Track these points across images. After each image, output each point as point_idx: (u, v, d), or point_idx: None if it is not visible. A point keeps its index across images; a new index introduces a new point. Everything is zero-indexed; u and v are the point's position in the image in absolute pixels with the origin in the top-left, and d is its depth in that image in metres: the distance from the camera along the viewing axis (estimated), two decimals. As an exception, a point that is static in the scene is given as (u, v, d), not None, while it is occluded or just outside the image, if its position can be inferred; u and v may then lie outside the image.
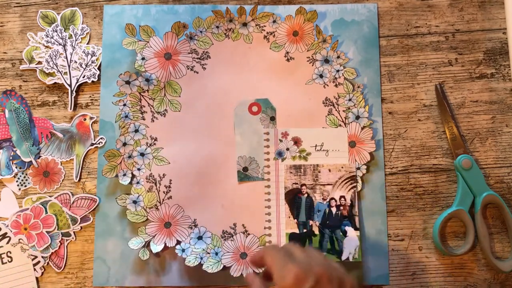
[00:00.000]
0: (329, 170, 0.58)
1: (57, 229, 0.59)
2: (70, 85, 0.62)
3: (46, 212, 0.60)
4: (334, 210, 0.59)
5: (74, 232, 0.60)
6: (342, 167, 0.60)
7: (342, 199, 0.60)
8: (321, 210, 0.59)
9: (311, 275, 0.41)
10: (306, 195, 0.60)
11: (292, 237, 0.59)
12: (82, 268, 0.60)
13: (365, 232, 0.60)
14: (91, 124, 0.62)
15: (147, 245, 0.59)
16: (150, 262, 0.59)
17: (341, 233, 0.59)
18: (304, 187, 0.60)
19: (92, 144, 0.61)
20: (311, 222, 0.59)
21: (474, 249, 0.60)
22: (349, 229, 0.59)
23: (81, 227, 0.60)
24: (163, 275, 0.59)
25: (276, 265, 0.44)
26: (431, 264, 0.60)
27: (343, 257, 0.58)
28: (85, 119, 0.62)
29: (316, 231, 0.59)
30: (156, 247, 0.58)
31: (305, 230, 0.59)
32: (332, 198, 0.60)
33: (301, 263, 0.43)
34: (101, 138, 0.61)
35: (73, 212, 0.60)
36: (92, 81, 0.62)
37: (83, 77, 0.62)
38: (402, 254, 0.60)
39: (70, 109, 0.62)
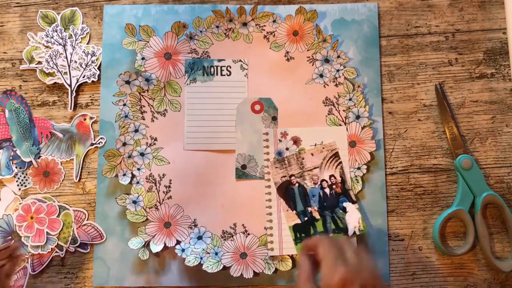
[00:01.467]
0: (312, 154, 0.58)
1: (57, 237, 0.59)
2: (70, 85, 0.62)
3: (58, 216, 0.60)
4: (327, 190, 0.60)
5: (66, 250, 0.59)
6: (323, 148, 0.60)
7: (332, 178, 0.60)
8: (315, 194, 0.60)
9: (358, 281, 0.42)
10: (297, 184, 0.60)
11: (296, 228, 0.59)
12: (82, 268, 0.60)
13: (365, 232, 0.60)
14: (91, 124, 0.62)
15: (147, 245, 0.59)
16: (150, 262, 0.59)
17: (340, 211, 0.59)
18: (293, 177, 0.60)
19: (92, 144, 0.61)
20: (309, 209, 0.60)
21: (474, 249, 0.60)
22: (347, 204, 0.59)
23: (75, 250, 0.60)
24: (163, 275, 0.59)
25: (327, 261, 0.45)
26: (431, 264, 0.60)
27: (350, 233, 0.58)
28: (85, 119, 0.62)
29: (317, 216, 0.59)
30: (156, 247, 0.58)
31: (306, 218, 0.59)
32: (323, 180, 0.60)
33: (350, 266, 0.44)
34: (101, 138, 0.61)
35: (78, 233, 0.60)
36: (92, 81, 0.62)
37: (83, 77, 0.62)
38: (402, 254, 0.60)
39: (70, 109, 0.62)
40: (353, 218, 0.59)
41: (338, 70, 0.63)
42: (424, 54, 0.63)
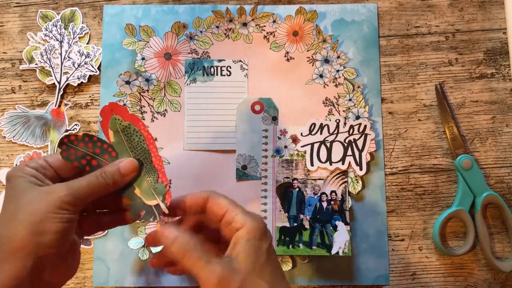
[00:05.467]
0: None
1: None
2: (59, 82, 0.62)
3: None
4: (325, 204, 0.60)
5: None
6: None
7: (333, 194, 0.60)
8: (312, 204, 0.59)
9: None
10: (297, 189, 0.60)
11: (282, 230, 0.59)
12: (82, 268, 0.59)
13: (365, 232, 0.60)
14: (66, 111, 0.62)
15: (146, 245, 0.59)
16: (149, 262, 0.59)
17: (331, 228, 0.59)
18: (295, 181, 0.60)
19: (66, 130, 0.61)
20: (301, 216, 0.59)
21: (474, 249, 0.59)
22: (340, 224, 0.59)
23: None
24: (163, 275, 0.59)
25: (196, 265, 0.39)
26: (431, 264, 0.60)
27: (333, 252, 0.58)
28: (59, 106, 0.62)
29: (307, 225, 0.59)
30: (156, 247, 0.58)
31: (295, 224, 0.59)
32: (323, 193, 0.60)
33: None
34: (76, 124, 0.61)
35: None
36: (82, 82, 0.62)
37: (73, 76, 0.62)
38: (402, 254, 0.60)
39: (56, 106, 0.62)
40: (341, 238, 0.58)
41: (338, 71, 0.63)
42: (424, 54, 0.63)
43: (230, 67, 0.63)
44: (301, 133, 0.61)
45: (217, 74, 0.63)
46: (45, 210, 0.36)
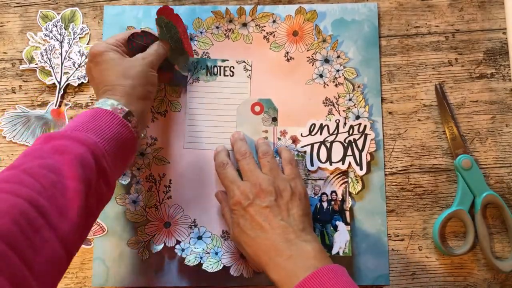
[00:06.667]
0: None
1: None
2: (59, 82, 0.62)
3: None
4: (325, 205, 0.60)
5: None
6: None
7: (334, 194, 0.60)
8: (312, 204, 0.59)
9: (249, 194, 0.51)
10: None
11: None
12: (82, 268, 0.60)
13: (365, 232, 0.60)
14: (66, 111, 0.62)
15: (146, 245, 0.59)
16: (149, 262, 0.59)
17: (331, 228, 0.59)
18: None
19: None
20: None
21: (474, 249, 0.60)
22: (340, 224, 0.59)
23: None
24: (163, 275, 0.59)
25: (227, 188, 0.54)
26: (431, 264, 0.60)
27: (333, 252, 0.58)
28: (60, 106, 0.62)
29: None
30: (156, 247, 0.58)
31: None
32: (324, 193, 0.60)
33: (242, 185, 0.52)
34: None
35: None
36: (82, 82, 0.62)
37: (74, 76, 0.62)
38: (402, 254, 0.60)
39: (56, 106, 0.62)
40: (341, 238, 0.58)
41: (338, 70, 0.63)
42: (424, 54, 0.63)
43: (233, 68, 0.63)
44: (301, 134, 0.61)
45: (220, 74, 0.63)
46: (146, 70, 0.53)
